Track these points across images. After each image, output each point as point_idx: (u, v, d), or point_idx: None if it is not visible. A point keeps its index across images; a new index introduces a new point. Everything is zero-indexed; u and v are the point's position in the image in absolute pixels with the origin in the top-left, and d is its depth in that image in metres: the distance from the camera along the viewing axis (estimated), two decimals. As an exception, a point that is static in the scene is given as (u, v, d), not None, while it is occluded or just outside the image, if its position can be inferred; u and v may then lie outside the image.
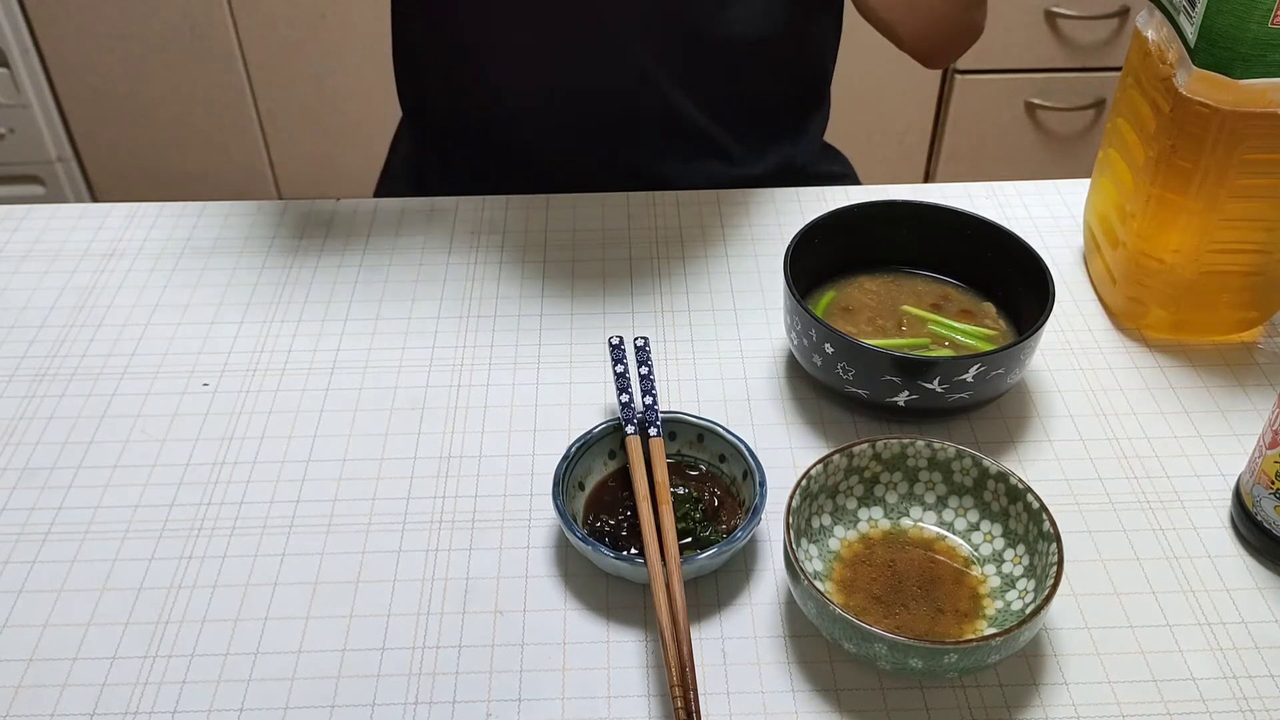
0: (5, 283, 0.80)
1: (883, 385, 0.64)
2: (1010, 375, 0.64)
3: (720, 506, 0.62)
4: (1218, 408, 0.70)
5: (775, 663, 0.56)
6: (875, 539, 0.60)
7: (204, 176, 1.99)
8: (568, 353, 0.74)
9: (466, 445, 0.67)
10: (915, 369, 0.62)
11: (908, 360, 0.62)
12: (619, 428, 0.63)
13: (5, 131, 1.90)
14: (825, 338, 0.64)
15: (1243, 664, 0.56)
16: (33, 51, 1.84)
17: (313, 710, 0.54)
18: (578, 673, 0.56)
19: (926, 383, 0.63)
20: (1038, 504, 0.56)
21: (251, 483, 0.65)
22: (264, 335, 0.75)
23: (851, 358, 0.64)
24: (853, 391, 0.65)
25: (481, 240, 0.83)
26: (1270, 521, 0.59)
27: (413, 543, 0.62)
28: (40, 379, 0.72)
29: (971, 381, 0.63)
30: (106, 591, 0.59)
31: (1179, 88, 0.65)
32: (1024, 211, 0.86)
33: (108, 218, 0.86)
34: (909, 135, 1.94)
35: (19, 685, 0.55)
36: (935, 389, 0.63)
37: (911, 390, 0.63)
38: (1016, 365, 0.64)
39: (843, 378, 0.65)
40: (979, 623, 0.56)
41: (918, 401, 0.64)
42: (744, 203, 0.87)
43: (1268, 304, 0.73)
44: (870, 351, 0.63)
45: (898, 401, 0.64)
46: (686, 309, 0.77)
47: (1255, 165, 0.65)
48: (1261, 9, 0.59)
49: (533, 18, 0.87)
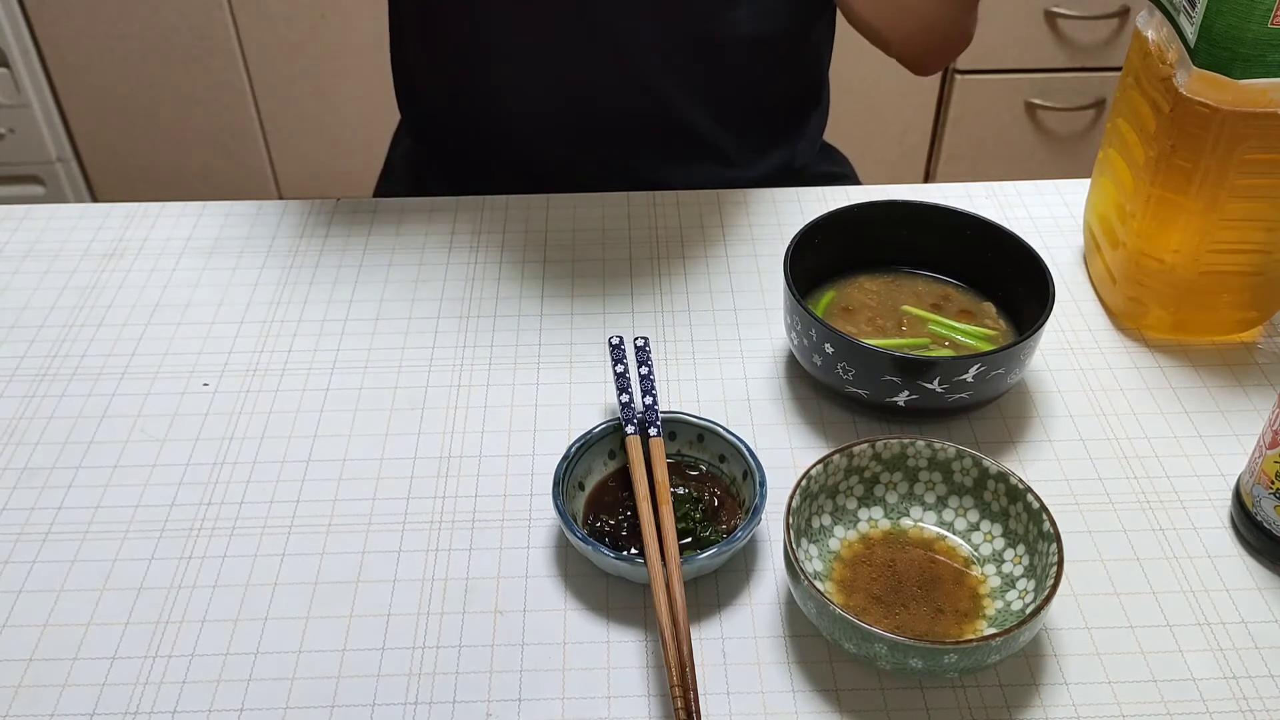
0: (5, 283, 0.80)
1: (883, 385, 0.64)
2: (1010, 375, 0.64)
3: (720, 506, 0.62)
4: (1218, 408, 0.70)
5: (775, 663, 0.56)
6: (875, 539, 0.60)
7: (204, 176, 1.99)
8: (568, 353, 0.74)
9: (466, 445, 0.67)
10: (915, 369, 0.62)
11: (908, 360, 0.62)
12: (619, 428, 0.63)
13: (5, 131, 1.90)
14: (825, 338, 0.64)
15: (1243, 664, 0.56)
16: (33, 51, 1.84)
17: (313, 710, 0.54)
18: (578, 673, 0.56)
19: (926, 383, 0.63)
20: (1038, 504, 0.56)
21: (251, 483, 0.65)
22: (264, 335, 0.75)
23: (851, 358, 0.64)
24: (853, 391, 0.65)
25: (481, 240, 0.83)
26: (1270, 521, 0.59)
27: (413, 543, 0.62)
28: (40, 379, 0.72)
29: (971, 381, 0.63)
30: (106, 591, 0.59)
31: (1179, 88, 0.65)
32: (1024, 211, 0.86)
33: (108, 218, 0.86)
34: (909, 135, 1.94)
35: (19, 685, 0.55)
36: (935, 389, 0.63)
37: (911, 390, 0.63)
38: (1016, 365, 0.64)
39: (843, 378, 0.65)
40: (979, 623, 0.56)
41: (918, 401, 0.64)
42: (744, 203, 0.87)
43: (1268, 304, 0.73)
44: (870, 351, 0.63)
45: (898, 401, 0.64)
46: (686, 309, 0.77)
47: (1255, 165, 0.65)
48: (1261, 9, 0.59)
49: (532, 21, 0.87)
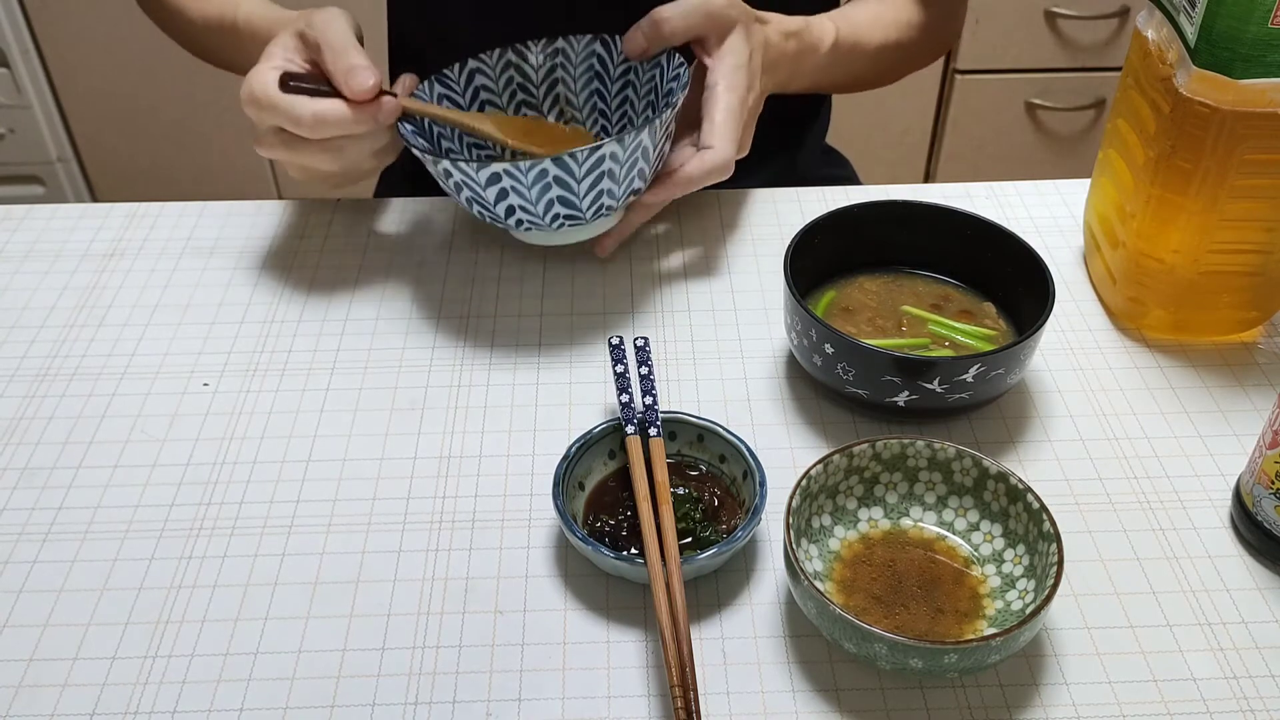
0: (5, 283, 0.80)
1: (883, 385, 0.64)
2: (1010, 375, 0.64)
3: (720, 506, 0.62)
4: (1218, 408, 0.70)
5: (775, 663, 0.56)
6: (875, 539, 0.60)
7: (204, 176, 1.99)
8: (568, 353, 0.74)
9: (466, 445, 0.67)
10: (915, 369, 0.62)
11: (908, 360, 0.62)
12: (619, 428, 0.63)
13: (5, 131, 1.90)
14: (825, 338, 0.64)
15: (1243, 664, 0.56)
16: (33, 51, 1.84)
17: (313, 710, 0.54)
18: (578, 673, 0.56)
19: (926, 383, 0.63)
20: (1038, 504, 0.56)
21: (251, 483, 0.65)
22: (264, 335, 0.75)
23: (852, 358, 0.64)
24: (853, 391, 0.65)
25: (481, 240, 0.83)
26: (1270, 521, 0.59)
27: (413, 543, 0.62)
28: (40, 379, 0.72)
29: (971, 381, 0.63)
30: (106, 591, 0.59)
31: (1179, 88, 0.65)
32: (1024, 211, 0.86)
33: (108, 218, 0.86)
34: (909, 135, 1.94)
35: (19, 685, 0.55)
36: (935, 389, 0.63)
37: (912, 390, 0.63)
38: (1017, 365, 0.64)
39: (843, 378, 0.65)
40: (979, 623, 0.56)
41: (918, 402, 0.64)
42: (744, 203, 0.87)
43: (1268, 304, 0.73)
44: (870, 352, 0.63)
45: (898, 401, 0.64)
46: (686, 309, 0.77)
47: (1255, 165, 0.65)
48: (1261, 9, 0.59)
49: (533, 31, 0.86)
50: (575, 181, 0.67)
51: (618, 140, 0.66)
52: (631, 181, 0.70)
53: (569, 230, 0.72)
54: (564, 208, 0.69)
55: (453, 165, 0.67)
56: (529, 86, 0.81)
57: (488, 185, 0.68)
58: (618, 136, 0.67)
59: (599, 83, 0.80)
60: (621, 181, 0.69)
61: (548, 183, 0.67)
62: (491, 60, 0.80)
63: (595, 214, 0.71)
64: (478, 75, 0.79)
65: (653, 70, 0.77)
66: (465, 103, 0.79)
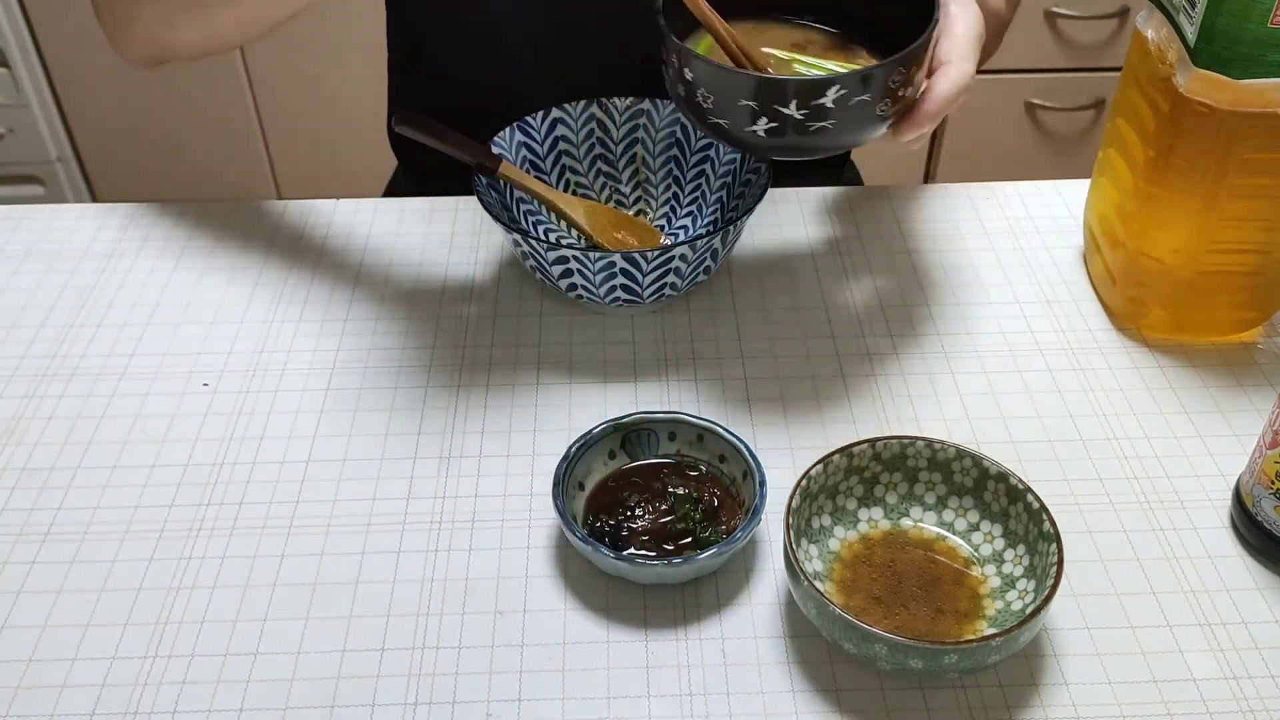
0: (5, 283, 0.80)
1: (740, 112, 0.61)
2: (878, 105, 0.60)
3: (720, 507, 0.62)
4: (1218, 408, 0.70)
5: (775, 663, 0.56)
6: (875, 539, 0.60)
7: (204, 176, 1.99)
8: (568, 353, 0.74)
9: (466, 445, 0.67)
10: (770, 91, 0.60)
11: (763, 81, 0.60)
12: (619, 428, 0.63)
13: (5, 131, 1.90)
14: (686, 62, 0.62)
15: (1243, 664, 0.56)
16: (33, 51, 1.84)
17: (313, 710, 0.54)
18: (578, 673, 0.56)
19: (783, 106, 0.60)
20: (1038, 504, 0.56)
21: (251, 483, 0.65)
22: (264, 335, 0.75)
23: (711, 83, 0.62)
24: (715, 122, 0.63)
25: (481, 240, 0.83)
26: (1270, 521, 0.59)
27: (412, 543, 0.62)
28: (40, 379, 0.72)
29: (832, 108, 0.59)
30: (106, 592, 0.59)
31: (1179, 88, 0.65)
32: (1024, 211, 0.86)
33: (108, 218, 0.86)
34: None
35: (19, 685, 0.55)
36: (794, 115, 0.60)
37: (770, 117, 0.60)
38: (882, 94, 0.60)
39: (704, 106, 0.63)
40: (979, 623, 0.56)
41: (778, 131, 0.61)
42: (744, 203, 0.87)
43: (1267, 304, 0.73)
44: (725, 72, 0.61)
45: (757, 130, 0.61)
46: (686, 309, 0.77)
47: (1254, 165, 0.65)
48: (1261, 9, 0.59)
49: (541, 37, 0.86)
50: (641, 275, 0.70)
51: (690, 245, 0.69)
52: (696, 276, 0.72)
53: (625, 306, 0.74)
54: (625, 294, 0.72)
55: (523, 239, 0.70)
56: (608, 142, 0.82)
57: (554, 264, 0.70)
58: (690, 241, 0.69)
59: (677, 150, 0.81)
60: (686, 276, 0.72)
61: (613, 273, 0.70)
62: (575, 111, 0.80)
63: (655, 300, 0.73)
64: (559, 125, 0.80)
65: (733, 154, 0.78)
66: (543, 151, 0.80)
